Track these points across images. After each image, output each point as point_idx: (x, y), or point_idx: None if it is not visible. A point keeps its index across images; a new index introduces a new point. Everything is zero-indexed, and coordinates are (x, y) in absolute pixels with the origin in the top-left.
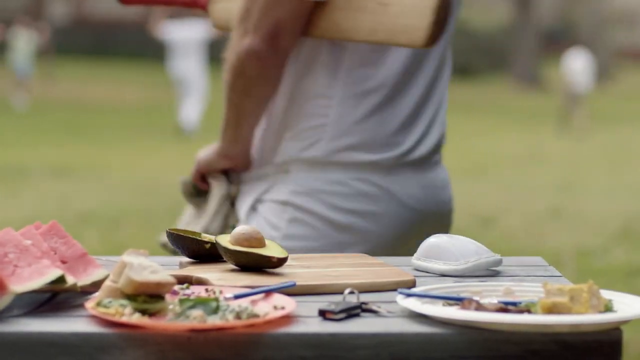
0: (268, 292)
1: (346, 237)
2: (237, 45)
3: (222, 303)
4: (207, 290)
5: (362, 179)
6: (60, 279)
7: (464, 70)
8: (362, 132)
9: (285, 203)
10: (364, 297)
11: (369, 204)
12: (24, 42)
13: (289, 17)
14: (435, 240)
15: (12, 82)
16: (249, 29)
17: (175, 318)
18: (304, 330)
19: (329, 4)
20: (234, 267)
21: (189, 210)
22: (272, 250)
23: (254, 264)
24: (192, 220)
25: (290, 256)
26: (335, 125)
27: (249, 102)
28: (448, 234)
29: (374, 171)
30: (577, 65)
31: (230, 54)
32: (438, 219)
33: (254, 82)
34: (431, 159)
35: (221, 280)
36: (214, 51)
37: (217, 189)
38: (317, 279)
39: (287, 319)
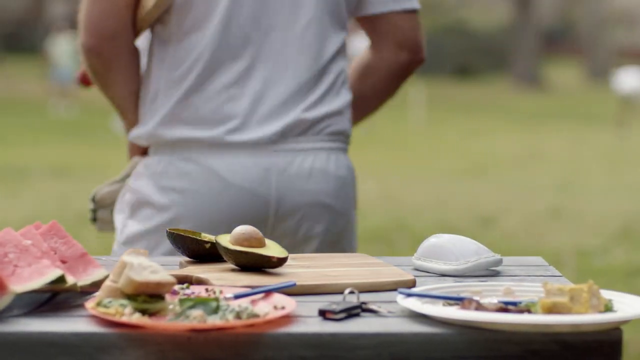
0: (268, 292)
1: (172, 213)
2: (78, 43)
3: (222, 303)
4: (207, 290)
5: (186, 158)
6: (60, 279)
7: (464, 70)
8: (186, 108)
9: (129, 188)
10: (364, 297)
11: (188, 182)
12: (65, 45)
13: (110, 8)
14: (435, 240)
15: (53, 89)
16: (80, 26)
17: (175, 318)
18: (304, 330)
19: None
20: (234, 267)
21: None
22: (272, 250)
23: (254, 264)
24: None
25: (291, 256)
26: (162, 102)
27: (109, 91)
28: (449, 234)
29: (199, 149)
30: (630, 82)
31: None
32: (302, 209)
33: (101, 75)
34: (280, 142)
35: (221, 280)
36: None
37: (131, 163)
38: (317, 279)
39: (287, 319)
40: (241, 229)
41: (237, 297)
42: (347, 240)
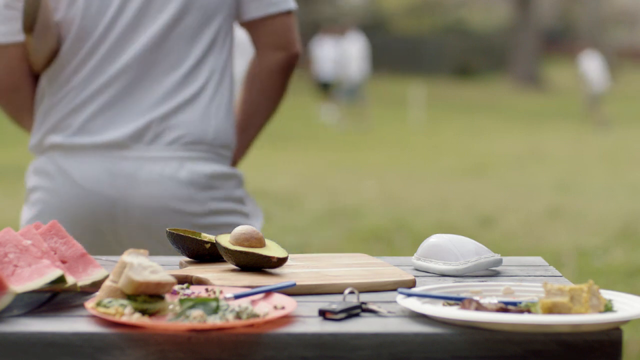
0: (268, 292)
1: (37, 209)
2: None
3: (222, 303)
4: (207, 290)
5: (51, 161)
6: (60, 279)
7: (464, 70)
8: (50, 117)
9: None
10: (364, 297)
11: (49, 181)
12: None
13: (4, 66)
14: (435, 240)
15: None
16: None
17: (175, 318)
18: (304, 330)
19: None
20: (234, 267)
21: None
22: (272, 250)
23: (254, 264)
24: None
25: (291, 256)
26: (39, 113)
27: (21, 124)
28: (449, 234)
29: (60, 152)
30: (591, 66)
31: None
32: (151, 212)
33: (13, 118)
34: (130, 148)
35: (221, 280)
36: None
37: None
38: (317, 279)
39: (287, 319)
40: (241, 229)
41: (237, 297)
42: None
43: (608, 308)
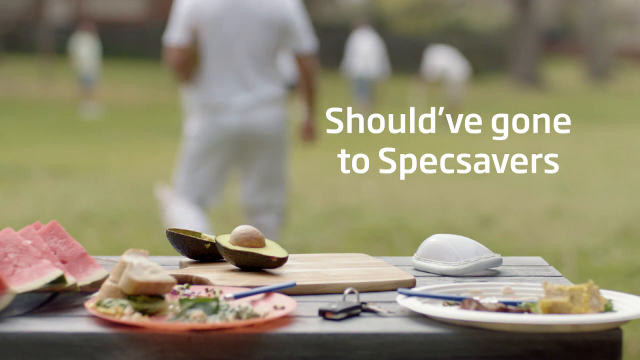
0: (268, 292)
1: (200, 138)
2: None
3: (222, 303)
4: (207, 290)
5: (204, 113)
6: (60, 279)
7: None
8: (200, 90)
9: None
10: (364, 297)
11: (203, 122)
12: (87, 47)
13: (175, 57)
14: (435, 240)
15: (78, 90)
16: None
17: (175, 318)
18: (304, 330)
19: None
20: (234, 267)
21: None
22: (272, 250)
23: (254, 264)
24: None
25: (291, 256)
26: (201, 89)
27: (186, 84)
28: (449, 234)
29: (207, 110)
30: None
31: None
32: (255, 136)
33: (181, 82)
34: (249, 109)
35: (221, 280)
36: None
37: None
38: (317, 279)
39: (287, 319)
40: (241, 229)
41: (237, 297)
42: (283, 153)
43: (608, 308)
